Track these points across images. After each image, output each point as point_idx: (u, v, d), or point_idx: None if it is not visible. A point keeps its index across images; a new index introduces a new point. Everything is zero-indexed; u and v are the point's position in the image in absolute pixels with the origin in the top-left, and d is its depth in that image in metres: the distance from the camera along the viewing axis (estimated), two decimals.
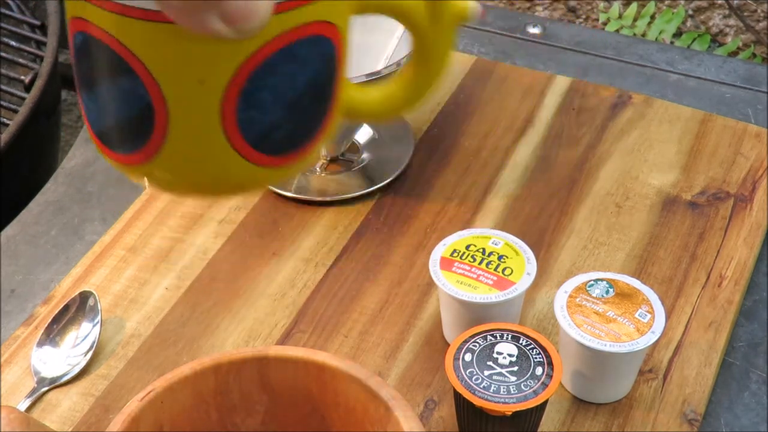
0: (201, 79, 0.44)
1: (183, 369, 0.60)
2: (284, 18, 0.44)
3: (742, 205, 0.89)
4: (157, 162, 0.47)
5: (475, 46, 1.08)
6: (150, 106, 0.45)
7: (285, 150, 0.48)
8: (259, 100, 0.45)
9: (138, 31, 0.43)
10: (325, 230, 0.87)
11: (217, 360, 0.61)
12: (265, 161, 0.47)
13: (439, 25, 0.51)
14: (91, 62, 0.46)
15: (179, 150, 0.46)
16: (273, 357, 0.61)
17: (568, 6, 1.91)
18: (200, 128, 0.46)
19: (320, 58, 0.48)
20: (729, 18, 1.86)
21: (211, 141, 0.46)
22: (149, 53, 0.44)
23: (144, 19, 0.42)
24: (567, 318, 0.72)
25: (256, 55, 0.44)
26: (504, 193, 0.91)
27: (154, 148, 0.46)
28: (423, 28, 0.52)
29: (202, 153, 0.46)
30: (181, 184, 0.49)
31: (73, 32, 0.46)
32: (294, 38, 0.45)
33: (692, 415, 0.74)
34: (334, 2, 0.48)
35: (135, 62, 0.44)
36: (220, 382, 0.61)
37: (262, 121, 0.46)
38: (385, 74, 0.83)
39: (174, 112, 0.45)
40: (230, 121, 0.45)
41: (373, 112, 0.52)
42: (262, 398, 0.62)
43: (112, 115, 0.47)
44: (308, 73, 0.47)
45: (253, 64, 0.44)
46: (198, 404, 0.61)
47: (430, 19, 0.51)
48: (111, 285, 0.83)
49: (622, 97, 1.00)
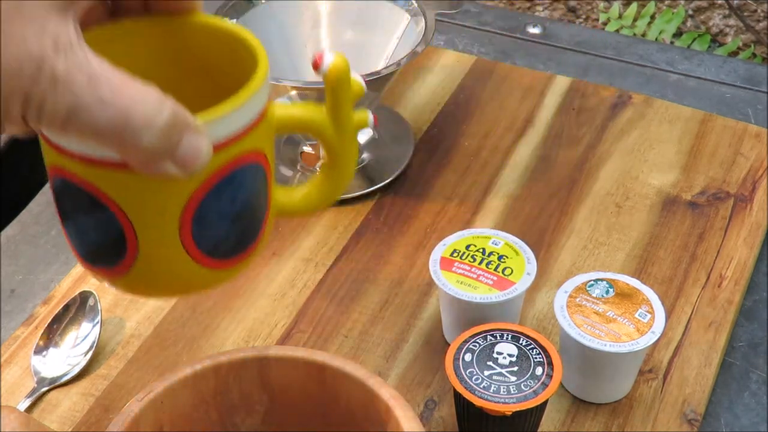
0: (161, 210, 0.55)
1: (183, 369, 0.60)
2: (221, 154, 0.55)
3: (742, 205, 0.89)
4: (130, 276, 0.57)
5: (475, 46, 1.08)
6: (121, 233, 0.55)
7: (234, 253, 0.59)
8: (208, 219, 0.56)
9: (108, 177, 0.54)
10: (325, 230, 0.87)
11: (217, 360, 0.61)
12: (219, 265, 0.59)
13: (343, 134, 0.62)
14: (69, 201, 0.57)
15: (148, 265, 0.57)
16: (273, 357, 0.61)
17: (568, 6, 1.91)
18: (163, 246, 0.56)
19: (253, 179, 0.59)
20: (729, 18, 1.86)
21: (173, 255, 0.57)
22: (118, 193, 0.54)
23: (112, 167, 0.52)
24: (567, 318, 0.72)
25: (202, 186, 0.55)
26: (504, 193, 0.91)
27: (127, 265, 0.57)
28: (332, 138, 0.62)
29: (166, 265, 0.57)
30: (152, 291, 0.61)
31: (52, 176, 0.57)
32: (230, 169, 0.56)
33: (692, 415, 0.74)
34: (258, 133, 0.58)
35: (107, 200, 0.55)
36: (220, 382, 0.61)
37: (213, 235, 0.57)
38: (384, 74, 0.83)
39: (141, 236, 0.56)
40: (187, 238, 0.56)
41: (298, 210, 0.64)
42: (262, 398, 0.62)
43: (91, 241, 0.58)
44: (245, 192, 0.58)
45: (200, 193, 0.55)
46: (198, 404, 0.61)
47: (335, 130, 0.61)
48: None
49: (622, 97, 1.00)
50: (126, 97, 0.48)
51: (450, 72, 1.03)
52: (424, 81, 1.02)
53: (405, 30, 0.89)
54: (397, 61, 0.84)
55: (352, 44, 0.93)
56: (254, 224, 0.61)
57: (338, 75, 0.61)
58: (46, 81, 0.46)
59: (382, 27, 0.91)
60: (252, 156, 0.58)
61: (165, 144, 0.50)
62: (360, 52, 0.92)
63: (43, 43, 0.46)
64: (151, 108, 0.49)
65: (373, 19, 0.92)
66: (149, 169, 0.50)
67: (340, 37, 0.93)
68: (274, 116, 0.61)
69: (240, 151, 0.57)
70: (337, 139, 0.62)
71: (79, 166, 0.54)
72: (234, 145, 0.56)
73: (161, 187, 0.55)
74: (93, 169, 0.54)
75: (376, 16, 0.92)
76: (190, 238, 0.57)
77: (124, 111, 0.48)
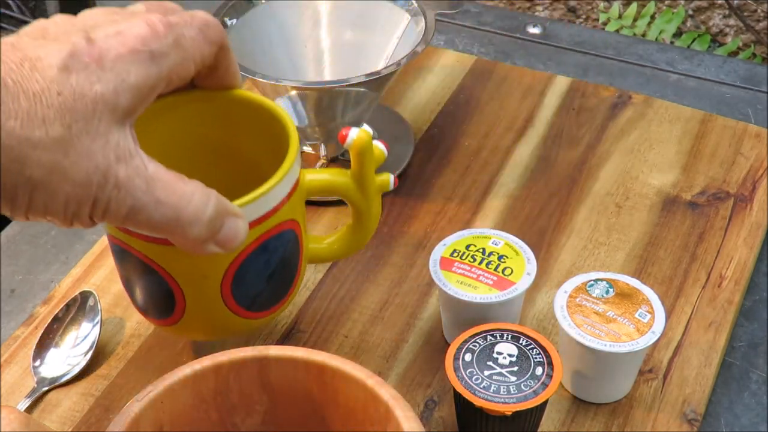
0: (204, 275, 0.66)
1: (183, 369, 0.60)
2: (257, 229, 0.65)
3: (742, 205, 0.89)
4: (179, 326, 0.69)
5: (475, 46, 1.08)
6: (171, 293, 0.66)
7: (270, 305, 0.69)
8: (246, 280, 0.66)
9: (159, 251, 0.64)
10: (325, 230, 0.87)
11: (217, 360, 0.61)
12: (257, 316, 0.69)
13: (367, 196, 0.71)
14: (127, 265, 0.68)
15: (194, 318, 0.68)
16: (273, 357, 0.61)
17: (568, 6, 1.91)
18: (207, 303, 0.67)
19: (285, 244, 0.68)
20: (729, 18, 1.86)
21: (215, 311, 0.67)
22: (168, 263, 0.65)
23: (162, 243, 0.61)
24: (567, 318, 0.72)
25: (239, 256, 0.65)
26: (504, 193, 0.91)
27: (176, 318, 0.68)
28: (357, 200, 0.71)
29: (210, 319, 0.68)
30: (198, 336, 0.73)
31: (112, 243, 0.68)
32: (265, 238, 0.66)
33: (692, 415, 0.74)
34: (290, 205, 0.66)
35: (158, 268, 0.66)
36: (220, 382, 0.61)
37: (250, 293, 0.67)
38: (384, 74, 0.83)
39: (188, 296, 0.66)
40: (228, 297, 0.67)
41: (325, 259, 0.75)
42: (262, 398, 0.62)
43: (146, 298, 0.69)
44: (278, 255, 0.68)
45: (238, 261, 0.65)
46: (198, 404, 0.61)
47: (360, 192, 0.71)
48: (111, 285, 0.83)
49: (622, 97, 1.00)
50: (177, 196, 0.55)
51: (450, 72, 1.03)
52: (424, 81, 1.02)
53: (405, 30, 0.89)
54: (397, 61, 0.84)
55: (352, 44, 0.93)
56: (287, 280, 0.70)
57: (362, 145, 0.69)
58: (110, 187, 0.52)
59: (382, 27, 0.91)
60: (284, 225, 0.67)
61: (209, 232, 0.57)
62: (360, 52, 0.92)
63: (107, 155, 0.52)
64: (198, 205, 0.56)
65: (374, 19, 0.92)
66: (195, 251, 0.58)
67: (341, 37, 0.93)
68: (305, 183, 0.69)
69: (273, 223, 0.66)
70: (361, 199, 0.71)
71: (135, 240, 0.64)
72: (268, 220, 0.65)
73: (204, 258, 0.64)
74: (146, 244, 0.64)
75: (376, 16, 0.92)
76: (230, 297, 0.67)
77: (176, 209, 0.55)
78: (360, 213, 0.72)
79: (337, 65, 0.93)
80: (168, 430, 0.60)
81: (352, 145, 0.69)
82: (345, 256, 0.75)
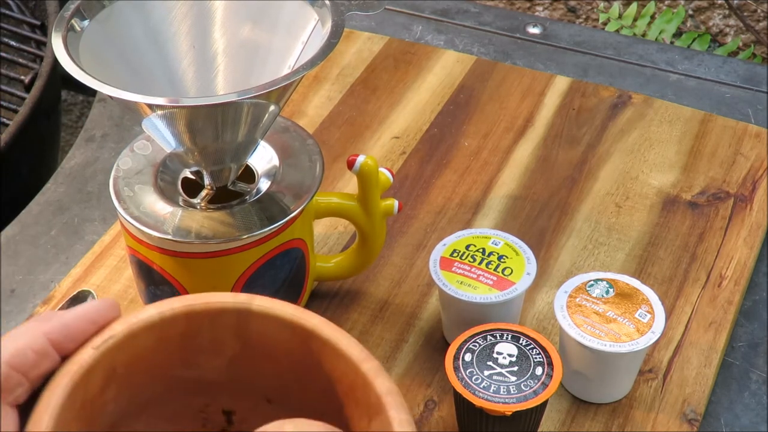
0: (214, 287, 0.67)
1: (150, 312, 0.52)
2: (265, 245, 0.69)
3: (742, 205, 0.89)
4: None
5: (475, 46, 1.08)
6: None
7: None
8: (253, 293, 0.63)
9: (172, 262, 0.69)
10: (325, 230, 0.87)
11: (190, 305, 0.53)
12: None
13: (373, 220, 0.75)
14: (143, 273, 0.73)
15: None
16: (257, 311, 0.53)
17: (568, 6, 1.91)
18: None
19: (292, 261, 0.72)
20: (729, 18, 1.86)
21: None
22: (180, 274, 0.70)
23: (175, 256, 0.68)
24: (567, 318, 0.72)
25: (248, 270, 0.69)
26: (504, 193, 0.91)
27: None
28: (363, 223, 0.75)
29: None
30: None
31: (129, 254, 0.74)
32: (273, 254, 0.70)
33: (692, 415, 0.74)
34: (296, 225, 0.70)
35: (172, 279, 0.71)
36: (192, 327, 0.54)
37: None
38: (283, 84, 0.65)
39: None
40: None
41: (331, 277, 0.79)
42: (234, 345, 0.55)
43: None
44: (285, 271, 0.72)
45: (247, 275, 0.69)
46: (161, 346, 0.54)
47: (366, 216, 0.75)
48: (111, 285, 0.83)
49: (622, 97, 1.00)
50: None
51: (450, 72, 1.03)
52: (424, 81, 1.02)
53: (310, 35, 0.72)
54: (303, 65, 0.65)
55: (250, 45, 0.74)
56: (293, 295, 0.74)
57: (368, 171, 0.72)
58: None
59: (286, 27, 0.73)
60: (292, 243, 0.71)
61: None
62: (264, 55, 0.74)
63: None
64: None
65: (275, 18, 0.74)
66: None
67: (236, 38, 0.74)
68: (313, 205, 0.72)
69: (281, 241, 0.69)
70: (367, 223, 0.75)
71: (148, 252, 0.69)
72: (276, 237, 0.69)
73: (215, 271, 0.69)
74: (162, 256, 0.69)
75: (277, 14, 0.74)
76: None
77: None
78: (365, 235, 0.76)
79: (231, 71, 0.74)
80: (121, 371, 0.53)
81: (359, 171, 0.72)
82: (351, 275, 0.79)
